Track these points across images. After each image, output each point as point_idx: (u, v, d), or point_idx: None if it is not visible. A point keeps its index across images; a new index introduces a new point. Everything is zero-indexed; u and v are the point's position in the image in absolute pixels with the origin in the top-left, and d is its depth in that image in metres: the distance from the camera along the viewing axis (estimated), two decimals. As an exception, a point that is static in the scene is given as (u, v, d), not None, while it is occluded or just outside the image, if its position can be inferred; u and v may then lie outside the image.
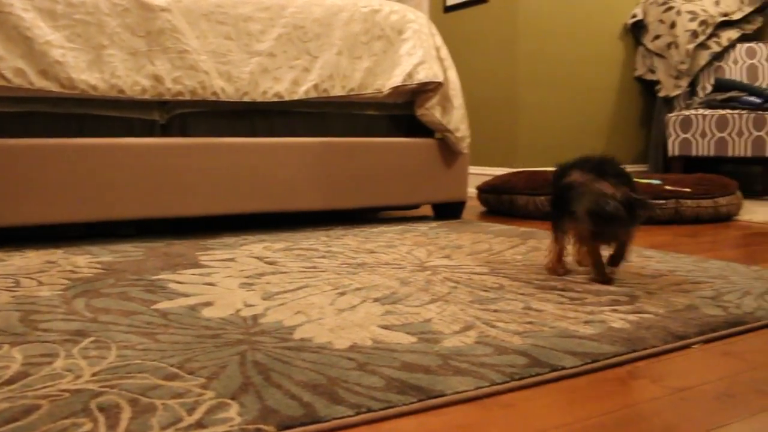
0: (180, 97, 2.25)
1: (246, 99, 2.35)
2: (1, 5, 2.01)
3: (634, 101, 4.50)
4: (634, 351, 1.09)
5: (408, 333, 1.17)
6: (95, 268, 1.73)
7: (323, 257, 1.89)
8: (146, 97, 2.20)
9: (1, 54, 2.00)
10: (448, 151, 2.79)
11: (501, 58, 4.06)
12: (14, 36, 2.02)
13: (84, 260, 1.83)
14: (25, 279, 1.60)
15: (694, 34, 4.07)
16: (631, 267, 1.77)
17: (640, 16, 4.34)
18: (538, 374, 0.99)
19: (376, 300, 1.40)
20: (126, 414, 0.82)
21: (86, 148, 2.13)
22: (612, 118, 4.39)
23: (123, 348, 1.07)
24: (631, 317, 1.28)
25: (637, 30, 4.41)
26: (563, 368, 1.01)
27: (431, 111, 2.67)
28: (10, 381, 0.93)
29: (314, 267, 1.75)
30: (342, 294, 1.45)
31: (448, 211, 2.87)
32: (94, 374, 0.95)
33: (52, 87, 2.06)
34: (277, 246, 2.08)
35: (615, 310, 1.33)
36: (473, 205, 3.50)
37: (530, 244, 2.14)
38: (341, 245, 2.10)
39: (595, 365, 1.04)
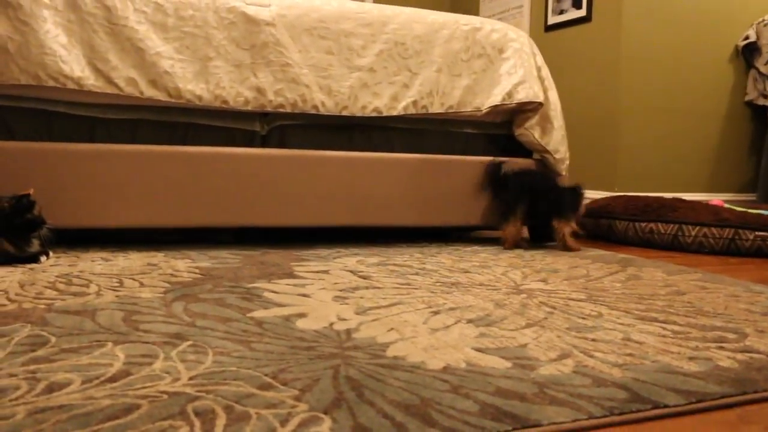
0: (281, 109, 2.29)
1: (345, 113, 2.37)
2: (117, 18, 2.10)
3: (743, 127, 4.31)
4: (744, 393, 1.03)
5: (503, 357, 1.14)
6: (194, 272, 1.77)
7: (417, 274, 1.88)
8: (248, 108, 2.25)
9: (115, 64, 2.08)
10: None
11: (603, 79, 3.97)
12: (128, 47, 2.10)
13: (183, 264, 1.88)
14: (128, 280, 1.65)
15: (812, 59, 3.87)
16: (739, 302, 1.68)
17: (753, 38, 4.17)
18: (639, 410, 0.94)
19: (470, 321, 1.37)
20: (221, 421, 0.83)
21: (190, 156, 2.19)
22: (718, 145, 4.21)
23: (219, 354, 1.09)
24: (739, 356, 1.21)
25: (749, 53, 4.23)
26: (666, 406, 0.96)
27: (530, 131, 2.62)
28: (113, 379, 0.95)
29: (408, 284, 1.74)
30: (436, 313, 1.43)
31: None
32: (191, 378, 0.97)
33: (160, 96, 2.13)
34: (371, 260, 2.08)
35: (722, 348, 1.26)
36: (568, 229, 3.41)
37: (630, 272, 2.06)
38: (435, 263, 2.08)
39: (701, 405, 0.98)
